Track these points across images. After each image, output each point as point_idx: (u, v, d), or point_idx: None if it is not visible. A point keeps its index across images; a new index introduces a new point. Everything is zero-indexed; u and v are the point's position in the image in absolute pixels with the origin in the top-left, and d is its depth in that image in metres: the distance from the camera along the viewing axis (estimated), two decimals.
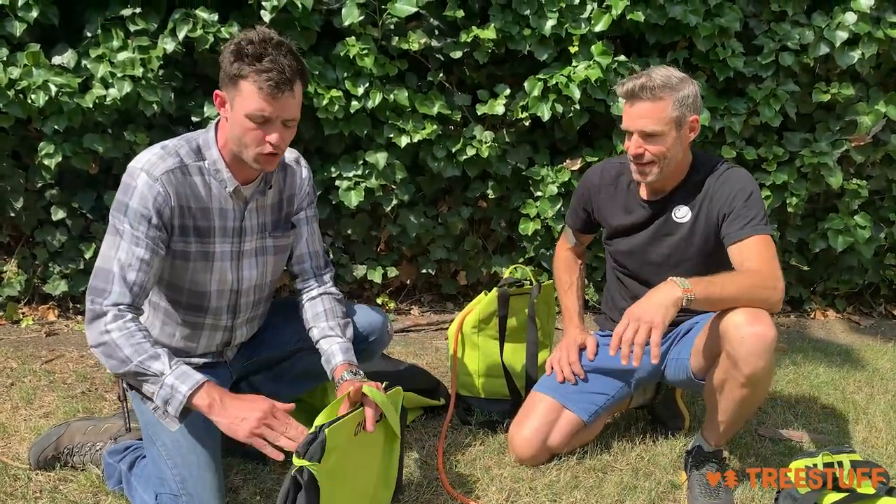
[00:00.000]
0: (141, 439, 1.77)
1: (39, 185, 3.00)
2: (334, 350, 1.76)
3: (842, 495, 1.62)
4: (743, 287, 1.74)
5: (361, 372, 1.73)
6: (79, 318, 3.11)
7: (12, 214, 3.00)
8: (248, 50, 1.52)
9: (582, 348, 2.12)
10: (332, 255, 3.34)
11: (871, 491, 1.66)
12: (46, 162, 2.86)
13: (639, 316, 1.65)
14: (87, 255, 3.06)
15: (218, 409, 1.52)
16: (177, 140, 1.67)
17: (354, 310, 1.97)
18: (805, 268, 3.65)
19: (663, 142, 1.88)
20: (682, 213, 2.00)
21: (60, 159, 2.87)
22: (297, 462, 1.45)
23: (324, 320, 1.82)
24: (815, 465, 1.73)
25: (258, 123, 1.56)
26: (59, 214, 3.03)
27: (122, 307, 1.56)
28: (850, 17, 3.19)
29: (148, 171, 1.60)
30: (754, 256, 1.82)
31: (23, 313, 3.08)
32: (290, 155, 1.85)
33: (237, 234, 1.73)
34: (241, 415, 1.50)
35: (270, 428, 1.50)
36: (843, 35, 3.20)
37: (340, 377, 1.71)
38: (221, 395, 1.54)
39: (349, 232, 3.31)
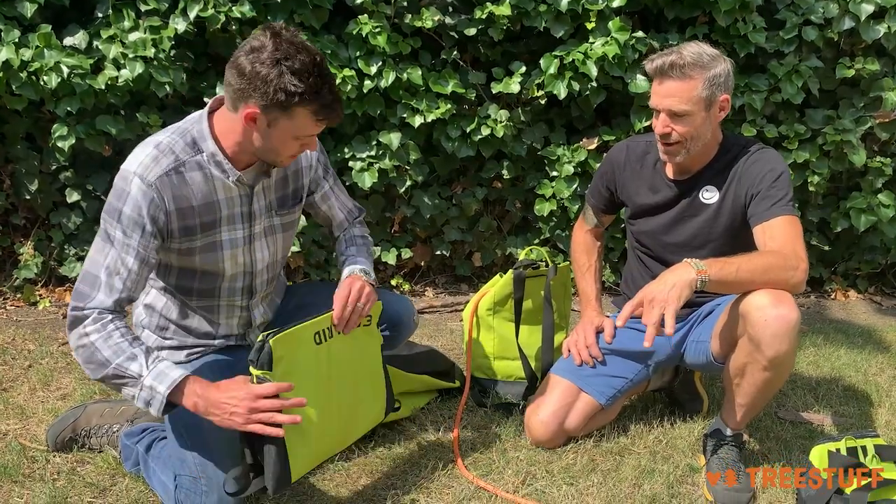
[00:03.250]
0: (158, 421, 1.78)
1: (54, 167, 3.00)
2: (358, 258, 1.89)
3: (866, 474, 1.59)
4: (760, 268, 1.70)
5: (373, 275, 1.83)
6: None
7: (27, 197, 3.01)
8: (310, 82, 1.47)
9: (599, 331, 2.09)
10: None
11: None
12: (60, 144, 2.85)
13: (652, 296, 1.63)
14: None
15: (204, 408, 1.49)
16: (169, 135, 1.60)
17: (384, 296, 1.94)
18: (826, 248, 3.59)
19: (691, 122, 1.84)
20: (709, 194, 1.96)
21: (74, 141, 2.86)
22: (253, 371, 1.52)
23: (353, 244, 1.96)
24: (837, 450, 1.70)
25: (300, 139, 1.58)
26: (73, 197, 3.03)
27: (103, 311, 1.53)
28: None
29: (142, 175, 1.53)
30: (778, 237, 1.78)
31: (40, 295, 3.09)
32: None
33: (247, 218, 1.70)
34: (228, 409, 1.47)
35: (260, 411, 1.47)
36: (868, 8, 3.11)
37: (351, 271, 1.81)
38: (203, 391, 1.50)
39: None
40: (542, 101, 3.17)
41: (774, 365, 1.71)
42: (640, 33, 3.05)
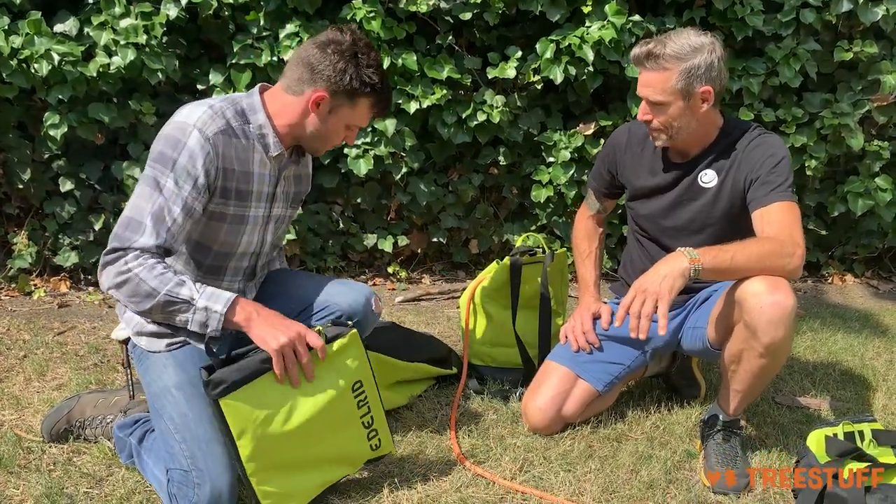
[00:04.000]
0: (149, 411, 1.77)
1: (46, 156, 2.98)
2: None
3: (863, 465, 1.59)
4: (756, 255, 1.69)
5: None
6: (90, 289, 3.10)
7: (20, 186, 2.99)
8: (377, 75, 1.64)
9: (596, 317, 2.09)
10: (342, 225, 3.31)
11: (893, 461, 1.63)
12: (52, 133, 2.83)
13: (645, 287, 1.63)
14: (97, 227, 3.04)
15: (256, 322, 1.55)
16: (220, 101, 1.66)
17: (334, 286, 1.84)
18: (823, 232, 3.59)
19: (668, 111, 1.84)
20: (708, 178, 1.95)
21: (66, 130, 2.84)
22: (320, 328, 1.58)
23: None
24: (834, 435, 1.70)
25: (349, 129, 1.72)
26: (67, 186, 3.01)
27: (145, 251, 1.54)
28: None
29: (201, 129, 1.58)
30: (776, 222, 1.77)
31: (34, 285, 3.08)
32: None
33: (269, 199, 1.76)
34: (277, 329, 1.53)
35: (295, 353, 1.54)
36: None
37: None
38: (257, 309, 1.57)
39: (359, 201, 3.27)
40: (539, 87, 3.14)
41: (771, 351, 1.71)
42: (636, 17, 3.03)
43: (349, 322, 1.69)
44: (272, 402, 1.53)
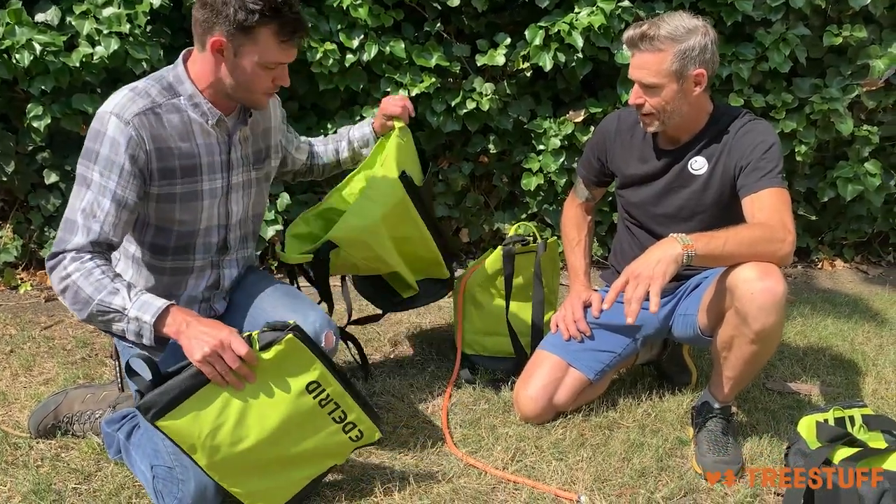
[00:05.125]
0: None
1: (30, 147, 2.93)
2: (359, 133, 2.09)
3: (853, 450, 1.60)
4: (746, 241, 1.69)
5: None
6: None
7: (4, 179, 2.94)
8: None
9: (587, 305, 2.08)
10: None
11: (884, 445, 1.63)
12: (35, 124, 2.79)
13: (638, 272, 1.62)
14: None
15: (185, 333, 1.46)
16: (145, 80, 1.62)
17: (293, 305, 1.77)
18: (813, 217, 3.59)
19: (662, 94, 1.83)
20: (698, 165, 1.94)
21: (49, 121, 2.79)
22: (253, 334, 1.49)
23: (330, 142, 2.12)
24: (825, 421, 1.70)
25: (269, 69, 1.58)
26: (52, 178, 2.97)
27: (80, 250, 1.52)
28: None
29: (118, 114, 1.54)
30: (766, 209, 1.77)
31: (21, 279, 3.04)
32: None
33: (225, 168, 1.70)
34: (200, 339, 1.44)
35: (221, 359, 1.43)
36: None
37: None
38: (188, 320, 1.48)
39: None
40: (528, 74, 3.12)
41: (761, 338, 1.71)
42: (626, 2, 3.00)
43: (289, 323, 1.52)
44: (216, 415, 1.47)
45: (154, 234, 1.70)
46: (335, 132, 2.18)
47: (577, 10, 3.00)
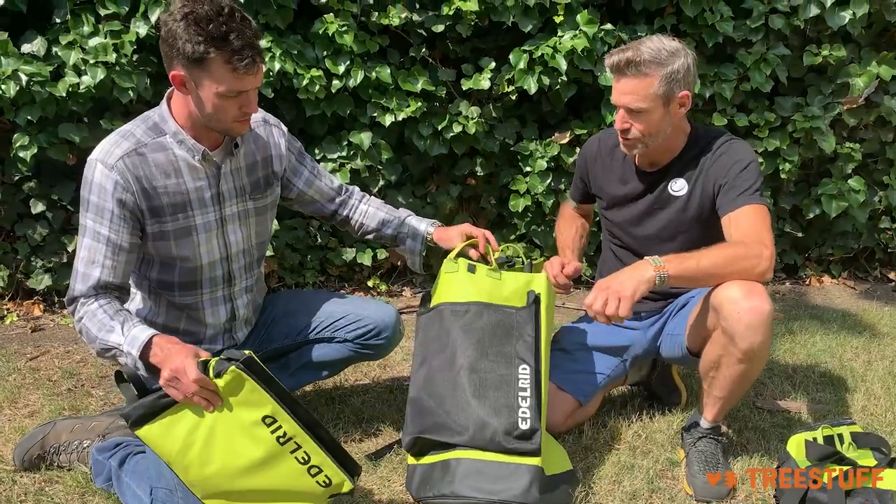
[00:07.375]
0: (130, 435, 1.73)
1: (17, 177, 2.92)
2: (414, 222, 2.02)
3: (843, 468, 1.60)
4: (721, 259, 1.69)
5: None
6: (64, 312, 3.05)
7: None
8: (211, 29, 1.47)
9: (566, 272, 1.97)
10: (319, 240, 3.28)
11: (873, 463, 1.63)
12: (22, 154, 2.78)
13: (608, 286, 1.64)
14: (70, 248, 2.99)
15: (164, 362, 1.48)
16: (132, 122, 1.66)
17: (365, 302, 1.98)
18: (799, 234, 3.62)
19: (649, 119, 1.82)
20: (678, 186, 1.95)
21: (36, 151, 2.79)
22: (211, 363, 1.46)
23: (384, 209, 2.03)
24: (814, 439, 1.70)
25: (232, 98, 1.56)
26: (38, 207, 2.95)
27: (87, 297, 1.61)
28: None
29: (103, 160, 1.59)
30: (744, 226, 1.77)
31: (7, 309, 3.02)
32: (257, 116, 1.82)
33: (216, 201, 1.72)
34: (163, 366, 1.47)
35: (175, 386, 1.45)
36: None
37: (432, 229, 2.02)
38: (167, 346, 1.51)
39: None
40: (513, 97, 3.15)
41: (749, 357, 1.71)
42: (608, 26, 3.04)
43: (245, 353, 1.46)
44: (186, 433, 1.49)
45: (159, 271, 1.74)
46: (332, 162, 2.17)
47: (560, 33, 3.04)
